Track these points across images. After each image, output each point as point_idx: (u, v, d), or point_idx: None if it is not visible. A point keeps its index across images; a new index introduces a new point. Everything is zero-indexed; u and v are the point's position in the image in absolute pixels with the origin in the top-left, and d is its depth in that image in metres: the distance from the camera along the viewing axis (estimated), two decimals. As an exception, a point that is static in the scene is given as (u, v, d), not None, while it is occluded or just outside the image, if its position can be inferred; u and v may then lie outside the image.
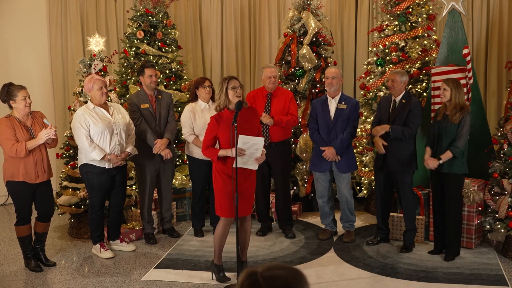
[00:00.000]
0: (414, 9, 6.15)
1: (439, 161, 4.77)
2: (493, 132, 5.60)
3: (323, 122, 5.30)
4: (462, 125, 4.71)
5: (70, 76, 7.55)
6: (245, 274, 1.60)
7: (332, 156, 5.23)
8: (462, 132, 4.71)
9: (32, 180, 4.72)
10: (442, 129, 4.81)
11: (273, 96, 5.54)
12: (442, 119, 4.83)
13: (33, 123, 4.77)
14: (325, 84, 5.33)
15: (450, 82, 4.81)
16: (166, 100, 5.57)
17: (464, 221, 5.10)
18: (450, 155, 4.73)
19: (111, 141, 4.95)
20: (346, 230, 5.54)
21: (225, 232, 4.48)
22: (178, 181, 6.26)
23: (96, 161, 4.91)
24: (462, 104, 4.75)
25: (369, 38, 7.18)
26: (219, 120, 4.35)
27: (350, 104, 5.29)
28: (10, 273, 4.86)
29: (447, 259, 4.91)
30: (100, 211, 5.12)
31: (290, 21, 6.54)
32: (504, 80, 6.77)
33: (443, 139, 4.80)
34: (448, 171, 4.79)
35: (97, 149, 4.87)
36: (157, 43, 6.53)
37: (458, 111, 4.73)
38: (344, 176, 5.35)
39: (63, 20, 7.53)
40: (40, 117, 4.86)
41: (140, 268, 4.90)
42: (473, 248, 5.18)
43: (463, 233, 5.14)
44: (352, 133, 5.31)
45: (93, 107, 4.95)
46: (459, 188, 4.89)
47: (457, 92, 4.75)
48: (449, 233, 4.92)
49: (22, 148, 4.58)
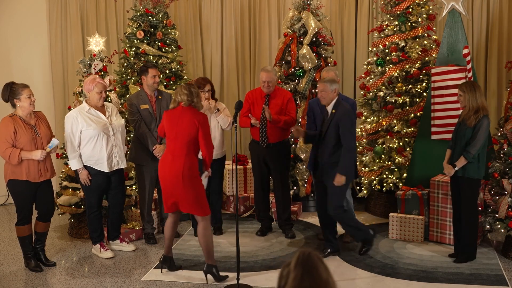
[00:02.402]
0: (414, 9, 6.15)
1: (454, 168, 4.75)
2: (493, 132, 5.60)
3: (321, 122, 5.28)
4: (478, 128, 4.65)
5: (70, 76, 7.55)
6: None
7: None
8: (477, 137, 4.64)
9: (36, 179, 4.72)
10: (460, 132, 4.78)
11: (271, 97, 5.53)
12: (462, 122, 4.80)
13: (37, 122, 4.77)
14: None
15: (463, 86, 4.77)
16: (167, 101, 5.57)
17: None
18: (464, 161, 4.70)
19: (107, 143, 4.94)
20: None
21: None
22: (178, 181, 6.25)
23: (92, 163, 4.95)
24: (477, 106, 4.68)
25: (369, 38, 7.18)
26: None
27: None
28: (10, 273, 4.86)
29: (457, 262, 4.87)
30: (98, 211, 5.12)
31: (290, 21, 6.54)
32: (504, 80, 6.77)
33: (461, 143, 4.76)
34: (462, 175, 4.77)
35: (76, 159, 4.90)
36: (157, 43, 6.53)
37: (473, 114, 4.67)
38: None
39: (63, 20, 7.53)
40: (43, 118, 4.87)
41: (140, 268, 4.90)
42: (473, 248, 5.18)
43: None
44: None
45: (88, 108, 4.94)
46: (474, 193, 4.83)
47: (470, 96, 4.69)
48: (464, 237, 4.87)
49: (15, 155, 4.57)
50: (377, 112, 6.30)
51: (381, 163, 6.19)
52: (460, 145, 4.76)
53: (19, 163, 4.62)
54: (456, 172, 4.77)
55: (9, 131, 4.59)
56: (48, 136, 4.80)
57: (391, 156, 6.15)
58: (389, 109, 6.13)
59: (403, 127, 6.12)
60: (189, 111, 4.46)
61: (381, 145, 6.21)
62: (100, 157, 4.95)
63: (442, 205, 5.29)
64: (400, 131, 6.10)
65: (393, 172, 6.11)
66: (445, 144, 5.33)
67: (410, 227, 5.46)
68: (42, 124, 4.80)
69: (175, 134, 4.45)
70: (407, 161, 6.00)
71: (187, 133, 4.42)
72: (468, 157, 4.67)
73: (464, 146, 4.72)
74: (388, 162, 6.14)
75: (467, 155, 4.67)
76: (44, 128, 4.79)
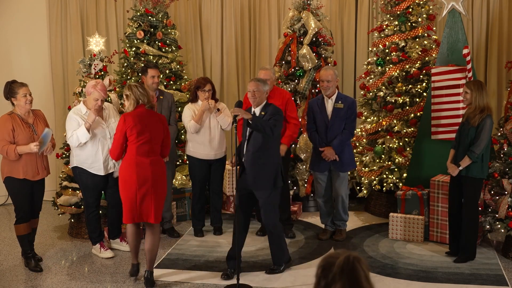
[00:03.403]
0: (414, 9, 6.15)
1: (458, 168, 4.75)
2: (493, 132, 5.58)
3: (321, 122, 5.31)
4: (481, 128, 4.65)
5: (70, 76, 7.54)
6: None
7: (331, 156, 5.24)
8: (480, 136, 4.65)
9: (33, 177, 4.74)
10: (464, 131, 4.78)
11: (269, 97, 5.52)
12: (466, 122, 4.80)
13: (35, 121, 4.79)
14: (320, 87, 5.34)
15: (471, 84, 4.77)
16: (168, 101, 5.57)
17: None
18: (468, 161, 4.70)
19: (103, 146, 4.94)
20: (337, 228, 5.55)
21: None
22: (178, 181, 6.26)
23: (87, 165, 4.94)
24: (483, 106, 4.69)
25: (369, 38, 7.18)
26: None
27: (346, 103, 5.28)
28: (10, 273, 4.86)
29: (457, 262, 4.87)
30: (96, 211, 5.13)
31: (290, 21, 6.54)
32: (504, 80, 6.77)
33: (464, 142, 4.76)
34: (465, 174, 4.77)
35: (80, 128, 4.81)
36: (157, 43, 6.52)
37: (478, 113, 4.68)
38: (342, 176, 5.36)
39: (63, 20, 7.53)
40: (41, 116, 4.88)
41: (140, 268, 4.89)
42: (473, 248, 5.18)
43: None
44: (351, 132, 5.31)
45: (85, 111, 4.93)
46: (476, 193, 4.83)
47: (477, 94, 4.69)
48: (464, 237, 4.87)
49: (12, 150, 4.59)
50: (377, 112, 6.30)
51: (381, 163, 6.19)
52: (463, 145, 4.75)
53: (17, 158, 4.64)
54: (459, 172, 4.77)
55: (7, 129, 4.62)
56: None
57: (391, 156, 6.15)
58: (389, 109, 6.13)
59: (403, 127, 6.12)
60: (152, 111, 4.51)
61: (381, 145, 6.21)
62: (96, 160, 4.95)
63: (442, 205, 5.29)
64: (400, 131, 6.10)
65: (393, 172, 6.11)
66: (445, 144, 5.34)
67: (410, 227, 5.46)
68: (40, 123, 4.82)
69: (149, 135, 4.38)
70: (407, 161, 5.99)
71: (160, 133, 4.45)
72: (473, 157, 4.67)
73: (468, 145, 4.72)
74: (388, 162, 6.14)
75: (472, 155, 4.67)
76: (42, 126, 4.80)
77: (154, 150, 4.42)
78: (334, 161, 5.28)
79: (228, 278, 4.59)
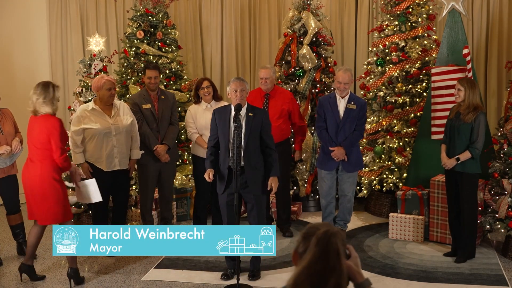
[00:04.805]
0: (414, 9, 6.15)
1: (456, 161, 4.75)
2: (493, 132, 5.60)
3: (332, 121, 5.25)
4: (477, 125, 4.67)
5: (70, 76, 7.55)
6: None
7: (341, 156, 5.21)
8: (479, 133, 4.67)
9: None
10: (455, 127, 4.78)
11: (270, 96, 5.53)
12: (455, 118, 4.80)
13: (2, 119, 4.82)
14: (337, 88, 5.22)
15: (464, 82, 4.78)
16: (170, 101, 5.56)
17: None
18: (469, 156, 4.70)
19: (108, 143, 4.94)
20: (339, 228, 5.55)
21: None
22: (178, 181, 6.26)
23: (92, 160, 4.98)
24: (476, 104, 4.70)
25: (369, 38, 7.18)
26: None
27: (359, 105, 5.23)
28: (10, 273, 4.86)
29: (458, 261, 4.87)
30: (104, 210, 5.15)
31: (290, 21, 6.55)
32: (504, 80, 6.77)
33: (456, 138, 4.76)
34: (461, 170, 4.77)
35: (79, 154, 4.93)
36: (157, 43, 6.53)
37: (471, 111, 4.69)
38: (350, 175, 5.33)
39: (63, 20, 7.54)
40: (8, 115, 4.92)
41: (140, 268, 4.90)
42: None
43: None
44: (361, 133, 5.31)
45: (91, 108, 4.94)
46: (474, 189, 4.83)
47: (471, 92, 4.70)
48: (463, 235, 4.87)
49: None
50: (377, 112, 6.31)
51: (381, 163, 6.19)
52: (459, 140, 4.74)
53: None
54: (454, 168, 4.77)
55: None
56: (12, 135, 4.86)
57: (391, 156, 6.16)
58: (389, 109, 6.13)
59: (403, 127, 6.12)
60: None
61: (381, 145, 6.21)
62: (99, 155, 4.96)
63: (442, 205, 5.29)
64: (400, 131, 6.10)
65: (393, 172, 6.11)
66: (445, 144, 5.33)
67: (410, 227, 5.46)
68: (7, 122, 4.83)
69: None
70: (407, 161, 6.00)
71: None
72: (475, 153, 4.68)
73: (462, 141, 4.72)
74: (388, 162, 6.14)
75: (474, 151, 4.68)
76: (8, 126, 4.81)
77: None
78: (343, 161, 5.26)
79: (228, 278, 4.60)
